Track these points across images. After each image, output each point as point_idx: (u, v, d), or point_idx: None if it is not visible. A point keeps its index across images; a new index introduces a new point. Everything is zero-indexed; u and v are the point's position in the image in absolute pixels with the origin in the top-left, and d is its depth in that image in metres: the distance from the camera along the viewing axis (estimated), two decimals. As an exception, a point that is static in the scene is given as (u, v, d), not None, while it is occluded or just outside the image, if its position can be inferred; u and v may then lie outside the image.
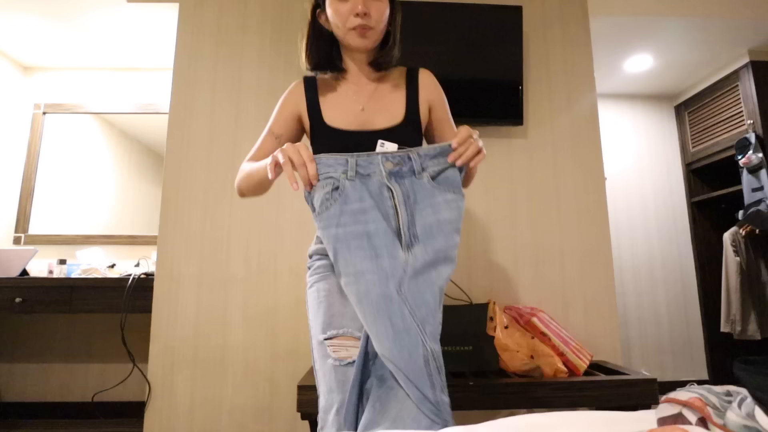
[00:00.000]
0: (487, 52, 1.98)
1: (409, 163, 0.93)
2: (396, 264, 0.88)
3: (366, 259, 0.88)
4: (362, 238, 0.89)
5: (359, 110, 1.07)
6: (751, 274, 2.66)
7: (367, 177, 0.92)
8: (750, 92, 2.64)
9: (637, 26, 2.44)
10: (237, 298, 1.88)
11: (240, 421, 1.80)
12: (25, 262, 2.19)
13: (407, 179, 0.93)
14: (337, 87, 1.12)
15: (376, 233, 0.89)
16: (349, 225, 0.89)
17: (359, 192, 0.90)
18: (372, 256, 0.88)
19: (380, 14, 1.03)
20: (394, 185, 0.92)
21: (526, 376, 1.57)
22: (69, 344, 2.46)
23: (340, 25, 1.02)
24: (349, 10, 1.00)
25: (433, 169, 0.94)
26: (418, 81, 1.12)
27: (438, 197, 0.93)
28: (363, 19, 1.00)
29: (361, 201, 0.90)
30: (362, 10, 0.98)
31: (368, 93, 1.10)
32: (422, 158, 0.94)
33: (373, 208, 0.90)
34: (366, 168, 0.92)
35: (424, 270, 0.89)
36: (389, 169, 0.92)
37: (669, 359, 3.01)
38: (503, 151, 2.05)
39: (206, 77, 2.02)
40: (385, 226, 0.89)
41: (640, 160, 3.22)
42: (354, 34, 1.02)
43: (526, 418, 0.73)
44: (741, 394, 0.56)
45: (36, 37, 2.49)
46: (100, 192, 2.66)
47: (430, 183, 0.93)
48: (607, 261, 1.99)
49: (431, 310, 0.89)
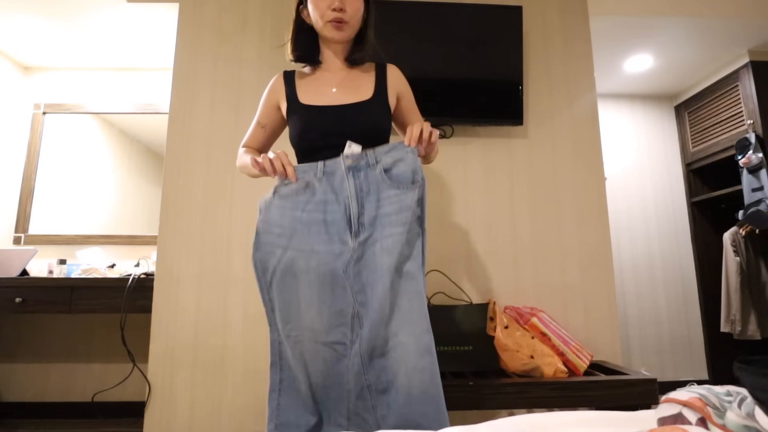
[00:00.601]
0: (487, 52, 1.98)
1: (366, 158, 1.09)
2: (344, 248, 1.06)
3: (321, 242, 1.06)
4: (321, 225, 1.07)
5: (331, 91, 1.20)
6: (751, 274, 2.66)
7: (332, 174, 1.09)
8: (750, 92, 2.64)
9: (637, 26, 2.44)
10: (237, 298, 1.88)
11: (240, 421, 1.80)
12: (25, 262, 2.19)
13: (363, 172, 1.08)
14: (314, 75, 1.26)
15: (332, 222, 1.07)
16: (312, 212, 1.08)
17: (324, 187, 1.09)
18: (326, 240, 1.07)
19: (355, 10, 1.17)
20: (350, 179, 1.08)
21: (526, 376, 1.57)
22: (69, 344, 2.46)
23: (318, 18, 1.16)
24: (326, 5, 1.14)
25: (386, 161, 1.08)
26: (386, 72, 1.26)
27: (384, 192, 1.07)
28: (339, 13, 1.13)
29: (324, 194, 1.08)
30: (338, 6, 1.13)
31: (341, 78, 1.23)
32: (377, 153, 1.09)
33: (334, 201, 1.08)
34: (332, 167, 1.09)
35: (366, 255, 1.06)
36: (348, 165, 1.08)
37: (669, 359, 3.01)
38: (503, 151, 2.05)
39: (206, 77, 2.02)
40: (340, 217, 1.07)
41: (640, 160, 3.22)
42: (330, 26, 1.16)
43: (526, 418, 0.73)
44: (741, 394, 0.56)
45: (36, 37, 2.49)
46: (100, 192, 2.66)
47: (382, 175, 1.07)
48: (607, 261, 1.99)
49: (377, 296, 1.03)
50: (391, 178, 1.08)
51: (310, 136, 1.16)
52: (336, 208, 1.08)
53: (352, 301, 1.05)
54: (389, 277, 1.03)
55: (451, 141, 2.03)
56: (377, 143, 1.14)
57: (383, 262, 1.04)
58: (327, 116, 1.16)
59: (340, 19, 1.14)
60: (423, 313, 1.05)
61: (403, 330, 1.03)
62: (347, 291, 1.05)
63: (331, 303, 1.06)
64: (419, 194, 1.09)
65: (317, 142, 1.15)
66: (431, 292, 1.85)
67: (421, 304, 1.06)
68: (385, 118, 1.21)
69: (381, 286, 1.03)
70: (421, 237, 1.11)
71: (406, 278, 1.06)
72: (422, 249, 1.11)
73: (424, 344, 1.03)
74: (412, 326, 1.03)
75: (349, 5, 1.15)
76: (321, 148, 1.14)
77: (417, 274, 1.07)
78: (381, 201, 1.07)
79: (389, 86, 1.24)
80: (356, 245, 1.06)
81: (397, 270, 1.05)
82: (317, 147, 1.15)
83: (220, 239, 1.91)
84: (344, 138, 1.11)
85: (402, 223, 1.05)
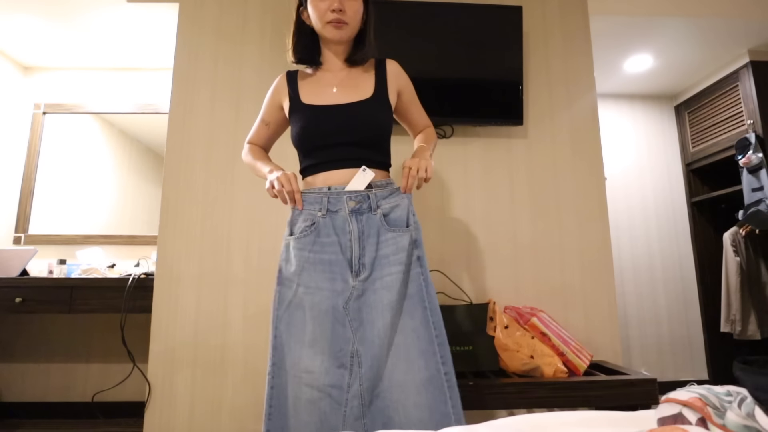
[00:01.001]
0: (487, 52, 1.98)
1: (368, 201, 1.14)
2: (346, 287, 1.11)
3: (325, 280, 1.12)
4: (325, 264, 1.13)
5: (332, 91, 1.22)
6: (751, 274, 2.66)
7: (336, 213, 1.14)
8: (750, 92, 2.64)
9: (637, 26, 2.44)
10: (237, 298, 1.88)
11: (240, 421, 1.80)
12: (25, 262, 2.19)
13: (365, 215, 1.14)
14: (315, 75, 1.28)
15: (336, 262, 1.13)
16: (318, 252, 1.14)
17: (328, 228, 1.14)
18: (330, 278, 1.12)
19: (354, 11, 1.19)
20: (353, 222, 1.13)
21: (526, 376, 1.57)
22: (69, 344, 2.46)
23: (318, 20, 1.18)
24: (326, 6, 1.16)
25: (385, 207, 1.15)
26: (386, 69, 1.27)
27: (383, 236, 1.14)
28: (338, 14, 1.15)
29: (328, 236, 1.14)
30: (338, 7, 1.15)
31: (341, 77, 1.25)
32: (377, 198, 1.15)
33: (336, 243, 1.13)
34: (335, 205, 1.14)
35: (367, 293, 1.11)
36: (351, 207, 1.14)
37: (669, 359, 3.01)
38: (503, 151, 2.05)
39: (206, 77, 2.02)
40: (341, 258, 1.13)
41: (640, 160, 3.22)
42: (330, 27, 1.17)
43: (526, 418, 0.73)
44: (741, 394, 0.56)
45: (36, 37, 2.49)
46: (100, 192, 2.66)
47: (381, 221, 1.14)
48: (607, 261, 1.99)
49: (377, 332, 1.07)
50: (389, 222, 1.14)
51: (311, 135, 1.18)
52: (338, 249, 1.13)
53: (351, 337, 1.09)
54: (389, 313, 1.08)
55: (451, 141, 2.03)
56: (378, 141, 1.20)
57: (383, 299, 1.09)
58: (328, 116, 1.18)
59: (339, 19, 1.16)
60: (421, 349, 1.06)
61: (399, 368, 1.05)
62: (347, 327, 1.09)
63: (332, 340, 1.09)
64: (414, 236, 1.15)
65: (318, 142, 1.18)
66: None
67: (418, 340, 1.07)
68: (385, 115, 1.23)
69: (381, 323, 1.08)
70: (422, 276, 1.14)
71: (405, 315, 1.09)
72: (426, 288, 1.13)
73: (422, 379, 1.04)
74: (408, 364, 1.05)
75: (348, 6, 1.17)
76: (322, 147, 1.17)
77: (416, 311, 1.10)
78: (380, 243, 1.13)
79: (389, 83, 1.25)
80: (357, 284, 1.11)
81: (396, 307, 1.09)
82: (318, 146, 1.18)
83: (220, 239, 1.91)
84: (346, 136, 1.15)
85: (399, 263, 1.12)
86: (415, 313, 1.10)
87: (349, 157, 1.16)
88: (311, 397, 1.06)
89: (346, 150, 1.16)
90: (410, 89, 1.32)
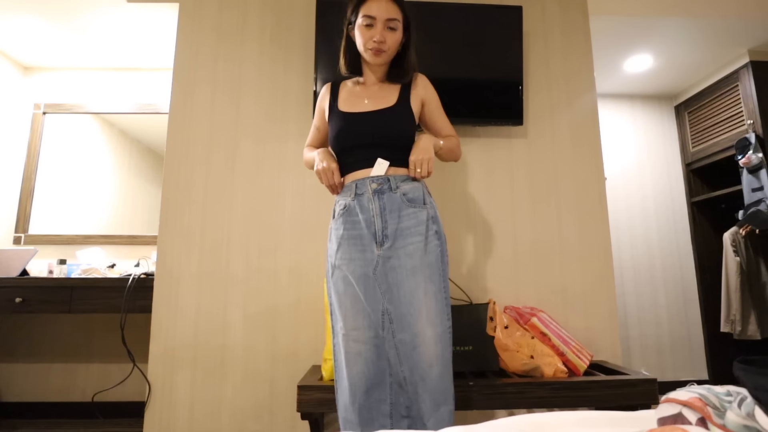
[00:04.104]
0: (487, 52, 1.98)
1: (388, 183, 1.33)
2: (373, 256, 1.31)
3: (357, 252, 1.32)
4: (356, 239, 1.33)
5: (364, 102, 1.41)
6: (751, 274, 2.66)
7: (362, 195, 1.33)
8: (750, 92, 2.64)
9: (637, 26, 2.44)
10: (237, 298, 1.88)
11: (240, 421, 1.80)
12: (25, 262, 2.19)
13: (386, 194, 1.32)
14: (354, 87, 1.47)
15: (364, 236, 1.32)
16: (349, 230, 1.34)
17: (356, 209, 1.34)
18: (360, 250, 1.32)
19: (393, 41, 1.37)
20: (375, 201, 1.32)
21: (526, 376, 1.57)
22: (69, 344, 2.46)
23: (361, 44, 1.38)
24: (370, 35, 1.35)
25: (404, 188, 1.34)
26: (412, 81, 1.46)
27: (404, 210, 1.32)
28: (379, 45, 1.34)
29: (357, 215, 1.34)
30: (380, 39, 1.34)
31: (373, 91, 1.44)
32: (396, 181, 1.34)
33: (362, 220, 1.33)
34: (361, 189, 1.34)
35: (389, 260, 1.30)
36: (374, 189, 1.32)
37: (669, 359, 3.01)
38: (503, 151, 2.05)
39: (206, 77, 2.03)
40: (367, 232, 1.32)
41: (640, 160, 3.22)
42: (370, 52, 1.36)
43: (526, 418, 0.73)
44: (741, 394, 0.56)
45: (36, 37, 2.49)
46: (100, 192, 2.66)
47: (402, 198, 1.33)
48: (607, 261, 1.99)
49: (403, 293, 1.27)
50: (408, 199, 1.33)
51: (342, 137, 1.37)
52: (363, 226, 1.32)
53: (381, 298, 1.29)
54: (413, 277, 1.27)
55: (451, 141, 2.03)
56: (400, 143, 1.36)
57: (406, 264, 1.28)
58: (356, 121, 1.38)
59: (379, 48, 1.35)
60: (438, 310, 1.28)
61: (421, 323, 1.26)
62: (377, 290, 1.29)
63: (367, 301, 1.30)
64: (431, 213, 1.34)
65: (347, 143, 1.37)
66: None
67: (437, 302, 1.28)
68: (405, 121, 1.40)
69: (406, 285, 1.27)
70: (440, 248, 1.33)
71: (427, 281, 1.28)
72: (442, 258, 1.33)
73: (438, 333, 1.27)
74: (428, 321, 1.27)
75: (389, 38, 1.36)
76: (351, 148, 1.37)
77: (435, 277, 1.29)
78: (401, 217, 1.31)
79: (413, 94, 1.43)
80: (381, 252, 1.30)
81: (417, 272, 1.28)
82: (348, 147, 1.37)
83: (220, 239, 1.91)
84: (370, 139, 1.35)
85: (419, 234, 1.30)
86: (434, 278, 1.29)
87: (371, 157, 1.34)
88: (358, 350, 1.29)
89: (370, 151, 1.34)
90: (435, 100, 1.49)
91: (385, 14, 1.34)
